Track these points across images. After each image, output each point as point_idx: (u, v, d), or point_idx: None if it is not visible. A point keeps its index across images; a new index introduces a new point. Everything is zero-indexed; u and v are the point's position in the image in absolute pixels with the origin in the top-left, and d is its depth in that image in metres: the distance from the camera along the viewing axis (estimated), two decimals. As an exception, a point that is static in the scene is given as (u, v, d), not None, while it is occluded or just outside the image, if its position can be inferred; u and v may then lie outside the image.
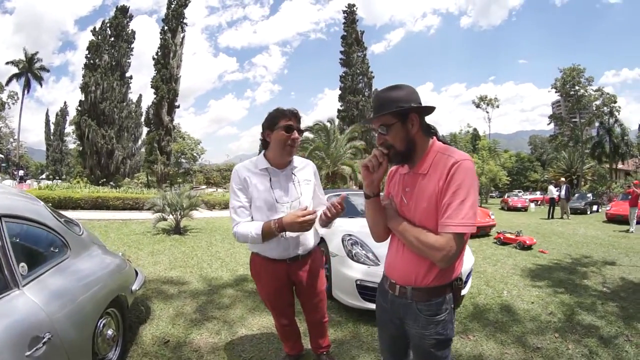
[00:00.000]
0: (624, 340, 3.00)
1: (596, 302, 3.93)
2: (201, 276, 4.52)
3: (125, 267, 2.64)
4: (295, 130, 1.73)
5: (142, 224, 9.07)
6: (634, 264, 5.98)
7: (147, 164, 29.01)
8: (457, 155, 1.19)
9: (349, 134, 19.91)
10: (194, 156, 40.71)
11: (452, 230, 1.13)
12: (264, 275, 1.89)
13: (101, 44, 30.63)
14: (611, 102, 30.69)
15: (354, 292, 3.17)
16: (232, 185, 1.80)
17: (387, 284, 1.38)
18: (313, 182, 1.93)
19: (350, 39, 33.68)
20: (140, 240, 6.96)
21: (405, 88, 1.25)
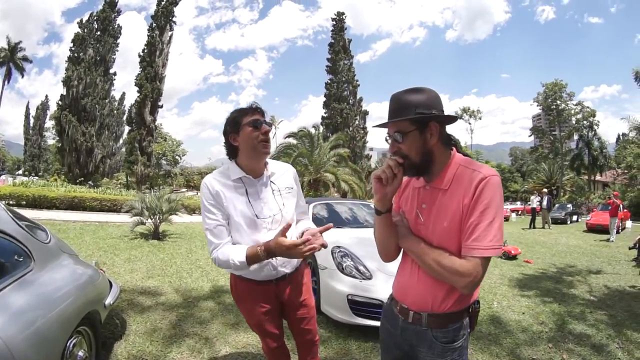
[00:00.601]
0: (616, 348, 3.07)
1: (585, 310, 4.00)
2: (180, 286, 4.28)
3: (99, 279, 2.40)
4: (264, 124, 1.51)
5: (119, 227, 8.69)
6: (617, 272, 6.15)
7: (127, 164, 28.09)
8: (485, 170, 1.08)
9: (333, 141, 19.80)
10: (175, 158, 39.74)
11: (479, 254, 1.02)
12: (249, 300, 1.65)
13: (87, 37, 29.47)
14: (590, 116, 31.94)
15: (345, 307, 3.02)
16: (204, 201, 1.52)
17: (396, 308, 1.25)
18: (295, 189, 1.70)
19: (338, 46, 33.79)
20: (116, 245, 6.63)
21: (427, 92, 1.12)
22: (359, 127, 33.17)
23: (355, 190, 18.35)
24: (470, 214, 1.04)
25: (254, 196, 1.55)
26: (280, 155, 18.04)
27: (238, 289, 1.67)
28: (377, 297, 2.95)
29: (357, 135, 32.53)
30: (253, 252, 1.43)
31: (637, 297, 4.65)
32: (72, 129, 28.02)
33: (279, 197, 1.60)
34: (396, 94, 1.14)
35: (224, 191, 1.51)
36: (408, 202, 1.25)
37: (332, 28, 34.58)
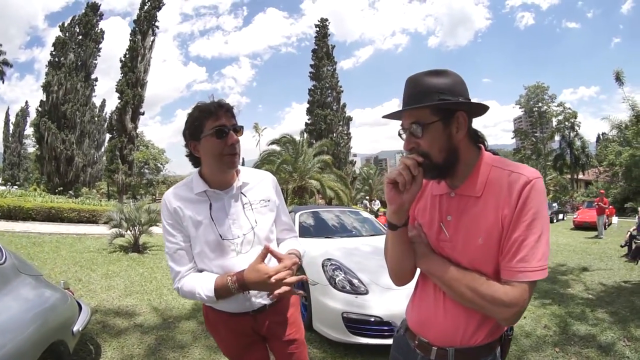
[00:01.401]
0: (623, 346, 3.02)
1: (585, 310, 3.94)
2: (160, 305, 3.97)
3: (66, 302, 2.11)
4: (231, 132, 1.20)
5: (98, 239, 8.29)
6: (609, 268, 6.18)
7: (107, 173, 27.31)
8: (527, 171, 0.87)
9: (318, 147, 19.77)
10: (157, 166, 38.81)
11: (527, 279, 0.82)
12: (224, 330, 1.38)
13: (68, 41, 28.55)
14: (572, 117, 32.92)
15: (340, 326, 2.80)
16: (163, 220, 1.29)
17: (414, 342, 1.03)
18: (273, 201, 1.41)
19: (321, 52, 33.84)
20: (94, 259, 6.28)
21: (452, 75, 0.91)
22: (342, 133, 33.24)
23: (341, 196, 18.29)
24: (514, 228, 0.84)
25: (220, 212, 1.27)
26: (264, 163, 17.92)
27: (210, 319, 1.41)
28: (375, 313, 2.76)
29: (341, 142, 32.59)
30: (222, 283, 1.18)
31: (635, 292, 4.64)
32: (52, 136, 27.06)
33: (250, 213, 1.32)
34: (414, 75, 0.92)
35: (182, 208, 1.26)
36: (427, 213, 1.02)
37: (316, 34, 34.68)
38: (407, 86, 0.93)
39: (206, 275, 1.25)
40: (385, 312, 2.74)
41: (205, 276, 1.24)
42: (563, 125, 33.15)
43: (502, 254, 0.86)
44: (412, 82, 0.92)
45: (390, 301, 2.81)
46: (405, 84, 0.94)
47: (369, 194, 30.97)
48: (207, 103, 1.23)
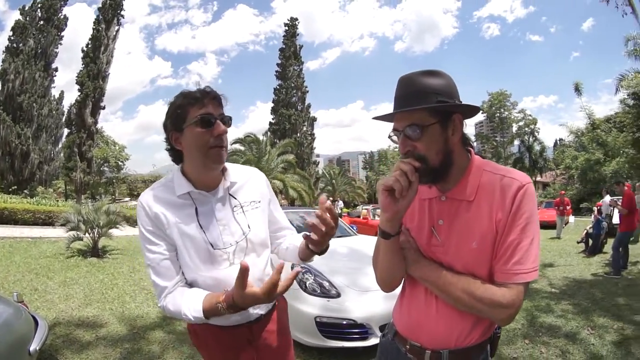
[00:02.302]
0: (588, 334, 3.22)
1: (550, 303, 4.15)
2: (124, 314, 3.74)
3: (20, 318, 1.88)
4: (218, 121, 1.07)
5: (54, 243, 7.76)
6: (569, 264, 6.58)
7: (65, 170, 25.43)
8: (519, 176, 0.89)
9: (282, 147, 19.73)
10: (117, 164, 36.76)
11: (524, 280, 0.85)
12: (215, 345, 1.23)
13: (28, 26, 26.04)
14: (532, 123, 35.02)
15: (314, 330, 2.74)
16: (141, 227, 1.11)
17: (405, 347, 1.02)
18: (265, 201, 1.28)
19: (289, 52, 33.54)
20: (50, 265, 5.86)
21: (446, 77, 0.89)
22: (307, 134, 33.21)
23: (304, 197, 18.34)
24: (509, 232, 0.85)
25: (208, 218, 1.13)
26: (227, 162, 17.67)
27: (199, 336, 1.25)
28: (348, 316, 2.74)
29: (304, 142, 32.51)
30: (211, 305, 1.03)
31: (594, 285, 4.96)
32: (6, 129, 24.74)
33: (241, 216, 1.18)
34: (409, 75, 0.90)
35: (165, 213, 1.10)
36: (415, 218, 1.00)
37: (285, 33, 34.36)
38: (400, 86, 0.91)
39: (194, 293, 1.09)
40: (359, 315, 2.73)
41: (193, 294, 1.08)
42: (523, 130, 35.18)
43: (496, 257, 0.87)
44: (406, 82, 0.89)
45: (364, 303, 2.81)
46: (398, 84, 0.91)
47: (332, 195, 31.22)
48: (192, 90, 1.09)
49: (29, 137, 25.98)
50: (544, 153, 34.49)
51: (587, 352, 2.86)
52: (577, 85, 21.86)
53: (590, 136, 19.56)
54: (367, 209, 13.06)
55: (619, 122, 16.15)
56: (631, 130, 13.47)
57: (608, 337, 3.11)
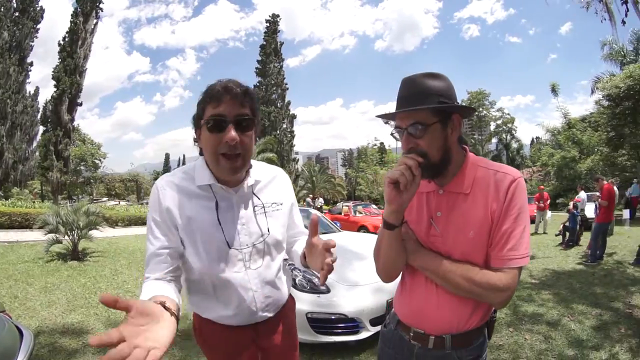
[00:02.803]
0: (568, 321, 3.39)
1: (531, 293, 4.32)
2: (109, 318, 3.62)
3: (4, 329, 1.76)
4: (230, 125, 0.97)
5: (32, 247, 7.41)
6: (548, 256, 6.83)
7: (41, 170, 24.41)
8: (511, 170, 0.97)
9: (262, 145, 19.59)
10: (95, 163, 35.61)
11: (517, 265, 0.93)
12: (221, 347, 1.20)
13: (2, 17, 24.79)
14: (510, 122, 36.03)
15: (306, 327, 2.76)
16: (150, 213, 1.05)
17: (408, 335, 1.07)
18: (290, 202, 1.24)
19: (269, 49, 33.42)
20: (30, 270, 5.61)
21: (446, 79, 0.97)
22: (286, 131, 33.22)
23: None
24: (503, 221, 0.93)
25: (228, 214, 1.07)
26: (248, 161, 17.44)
27: (204, 333, 1.20)
28: (339, 311, 2.78)
29: (284, 139, 32.56)
30: None
31: (572, 275, 5.18)
32: (-22, 128, 23.72)
33: (262, 217, 1.12)
34: (412, 77, 0.96)
35: (180, 204, 1.03)
36: (414, 210, 1.06)
37: (266, 30, 34.15)
38: (404, 87, 0.97)
39: (152, 289, 0.95)
40: (350, 309, 2.78)
41: (149, 290, 0.94)
42: (501, 129, 36.17)
43: (492, 244, 0.94)
44: (409, 84, 0.96)
45: (353, 298, 2.85)
46: (402, 85, 0.97)
47: (312, 192, 31.32)
48: (216, 83, 1.00)
49: (2, 135, 24.86)
50: (521, 151, 35.74)
51: (569, 337, 3.02)
52: (554, 86, 22.74)
53: (566, 135, 20.36)
54: (349, 205, 13.16)
55: (594, 122, 16.90)
56: (605, 129, 14.06)
57: (587, 323, 3.28)
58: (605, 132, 14.13)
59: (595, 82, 14.93)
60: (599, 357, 2.66)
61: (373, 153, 42.77)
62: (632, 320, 3.33)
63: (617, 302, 3.82)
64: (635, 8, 4.28)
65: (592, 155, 17.13)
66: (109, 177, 35.67)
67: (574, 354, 2.72)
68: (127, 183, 34.17)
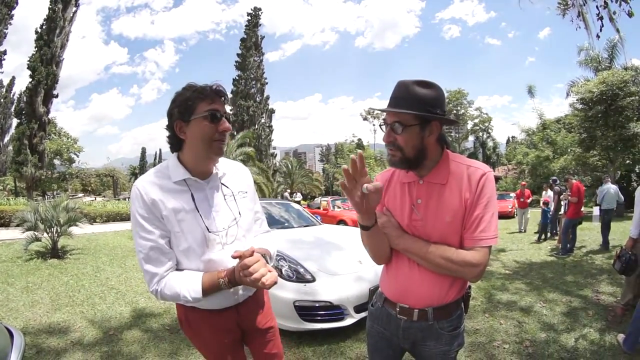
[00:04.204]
0: (540, 307, 3.63)
1: (505, 282, 4.58)
2: (95, 316, 3.59)
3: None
4: (224, 118, 1.18)
5: (9, 246, 7.13)
6: (521, 249, 7.19)
7: (15, 165, 23.32)
8: (481, 165, 1.13)
9: (240, 139, 19.27)
10: (70, 158, 34.33)
11: (487, 244, 1.07)
12: (208, 332, 1.31)
13: None
14: (487, 121, 37.01)
15: (293, 315, 2.85)
16: (136, 214, 1.15)
17: (395, 310, 1.21)
18: (251, 192, 1.39)
19: (250, 42, 32.72)
20: (9, 270, 5.42)
21: (437, 89, 1.09)
22: (265, 126, 32.82)
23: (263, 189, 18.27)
24: (475, 208, 1.08)
25: (203, 203, 1.21)
26: None
27: (191, 323, 1.31)
28: (325, 299, 2.88)
29: (262, 134, 32.15)
30: (212, 282, 1.14)
31: (544, 266, 5.50)
32: (-57, 120, 22.31)
33: (233, 203, 1.28)
34: (405, 82, 1.09)
35: (163, 199, 1.15)
36: (397, 199, 1.20)
37: (247, 23, 33.39)
38: (397, 89, 1.10)
39: (190, 275, 1.17)
40: (335, 297, 2.88)
41: (190, 276, 1.16)
42: (478, 127, 37.14)
43: (465, 227, 1.09)
44: (402, 87, 1.09)
45: (338, 286, 2.96)
46: (396, 86, 1.11)
47: (290, 187, 31.35)
48: (201, 85, 1.18)
49: (-28, 128, 23.58)
50: (497, 149, 36.87)
51: (540, 322, 3.23)
52: (531, 88, 23.56)
53: (540, 135, 21.09)
54: (327, 200, 13.33)
55: (567, 124, 17.52)
56: (579, 131, 14.68)
57: (558, 309, 3.52)
58: (578, 133, 14.75)
59: (571, 86, 15.60)
60: (569, 339, 2.86)
61: (351, 149, 43.08)
62: (600, 306, 3.59)
63: (586, 290, 4.09)
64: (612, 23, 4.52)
65: (565, 155, 17.82)
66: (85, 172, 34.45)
67: (545, 337, 2.91)
68: (104, 178, 33.01)
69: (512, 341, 2.87)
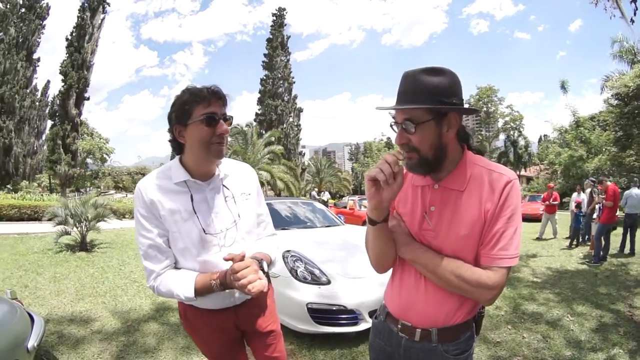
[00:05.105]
0: (568, 321, 3.37)
1: (533, 292, 4.31)
2: (116, 307, 3.72)
3: (16, 316, 1.86)
4: (221, 121, 1.16)
5: (42, 238, 7.58)
6: (551, 255, 6.81)
7: (49, 164, 24.76)
8: (507, 171, 0.97)
9: (268, 138, 19.53)
10: (102, 157, 36.02)
11: (507, 264, 0.93)
12: (205, 329, 1.33)
13: (9, 13, 25.07)
14: (518, 119, 35.57)
15: (306, 317, 2.80)
16: (136, 213, 1.19)
17: (396, 327, 1.08)
18: (254, 194, 1.37)
19: (276, 42, 33.17)
20: (39, 261, 5.75)
21: (449, 75, 0.93)
22: (293, 124, 33.10)
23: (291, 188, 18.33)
24: (496, 221, 0.93)
25: (202, 205, 1.21)
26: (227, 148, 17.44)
27: (189, 319, 1.34)
28: (339, 302, 2.81)
29: (291, 133, 32.44)
30: (204, 284, 1.15)
31: (575, 275, 5.16)
32: (-13, 122, 24.04)
33: (232, 205, 1.26)
34: (411, 72, 0.94)
35: (161, 199, 1.17)
36: (409, 203, 1.06)
37: (272, 24, 33.91)
38: (403, 82, 0.95)
39: (185, 274, 1.19)
40: (349, 301, 2.80)
41: (184, 275, 1.18)
42: (509, 125, 35.75)
43: (483, 243, 0.94)
44: (408, 79, 0.93)
45: (354, 290, 2.87)
46: (402, 80, 0.95)
47: (317, 186, 31.31)
48: (199, 87, 1.16)
49: (11, 129, 25.13)
50: (529, 148, 35.32)
51: (567, 338, 3.00)
52: (563, 83, 22.38)
53: (573, 133, 20.06)
54: (354, 199, 13.17)
55: (602, 121, 16.56)
56: (614, 129, 13.87)
57: (587, 324, 3.26)
58: (614, 131, 13.93)
59: (605, 80, 14.59)
60: (596, 359, 2.65)
61: (379, 148, 42.62)
62: (632, 323, 3.30)
63: (619, 304, 3.80)
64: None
65: (600, 154, 16.87)
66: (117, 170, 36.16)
67: (571, 355, 2.71)
68: (135, 176, 34.60)
69: (533, 357, 2.69)
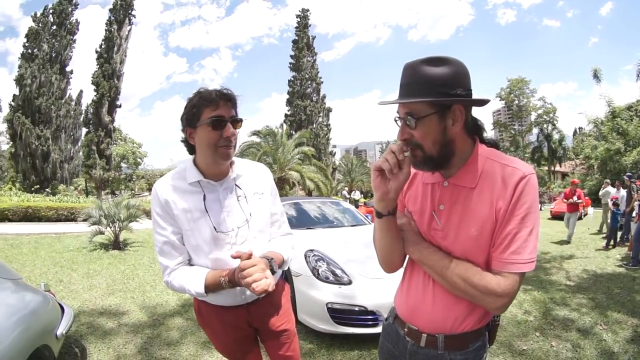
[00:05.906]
0: (601, 330, 3.15)
1: (565, 296, 4.09)
2: (144, 302, 3.90)
3: (48, 305, 2.04)
4: (228, 124, 1.17)
5: (77, 238, 8.08)
6: (587, 256, 6.44)
7: (85, 168, 26.43)
8: (522, 165, 0.87)
9: (297, 139, 19.58)
10: (136, 161, 37.65)
11: (519, 270, 0.84)
12: (217, 325, 1.37)
13: (41, 31, 27.13)
14: (551, 111, 33.91)
15: (325, 316, 2.81)
16: (152, 212, 1.24)
17: (403, 330, 1.03)
18: (268, 194, 1.38)
19: (302, 43, 33.38)
20: (74, 258, 6.13)
21: (453, 64, 0.85)
22: (322, 124, 33.13)
23: (321, 187, 18.32)
24: (508, 221, 0.85)
25: (214, 204, 1.24)
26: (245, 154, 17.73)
27: (203, 314, 1.38)
28: (359, 303, 2.79)
29: (320, 133, 32.50)
30: (214, 281, 1.17)
31: (612, 279, 4.84)
32: (26, 132, 25.92)
33: (245, 205, 1.29)
34: (412, 63, 0.87)
35: (175, 199, 1.22)
36: (418, 201, 1.01)
37: (297, 25, 34.16)
38: (403, 74, 0.89)
39: (197, 270, 1.22)
40: (370, 302, 2.77)
41: (196, 272, 1.22)
42: (542, 119, 34.17)
43: (494, 245, 0.87)
44: (409, 70, 0.87)
45: (375, 291, 2.84)
46: (403, 72, 0.89)
47: (348, 185, 31.13)
48: (209, 90, 1.18)
49: (48, 137, 27.06)
50: (563, 142, 33.55)
51: (599, 348, 2.80)
52: (596, 72, 21.10)
53: (609, 125, 18.86)
54: None
55: None
56: (654, 118, 12.95)
57: (621, 334, 3.05)
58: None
59: (641, 66, 13.70)
60: (630, 373, 2.45)
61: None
62: (672, 333, 3.04)
63: (658, 312, 3.51)
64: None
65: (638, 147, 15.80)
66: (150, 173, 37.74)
67: (602, 367, 2.52)
68: (165, 178, 36.02)
69: (561, 369, 2.52)
